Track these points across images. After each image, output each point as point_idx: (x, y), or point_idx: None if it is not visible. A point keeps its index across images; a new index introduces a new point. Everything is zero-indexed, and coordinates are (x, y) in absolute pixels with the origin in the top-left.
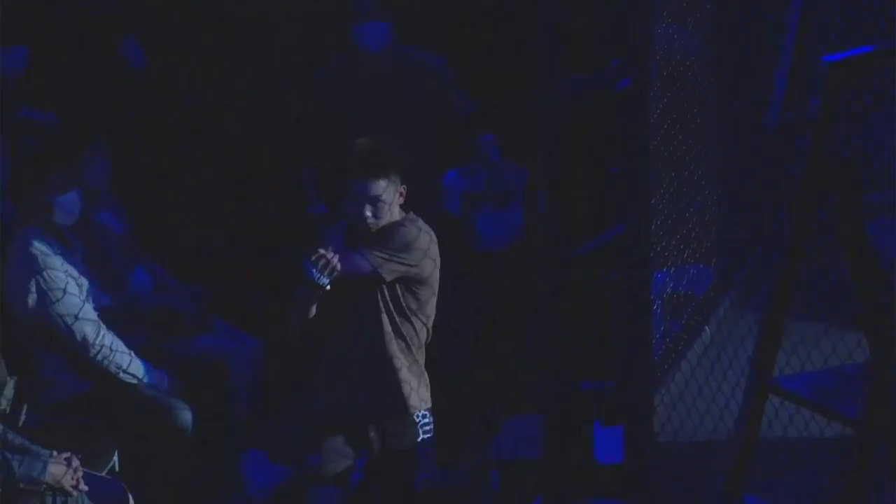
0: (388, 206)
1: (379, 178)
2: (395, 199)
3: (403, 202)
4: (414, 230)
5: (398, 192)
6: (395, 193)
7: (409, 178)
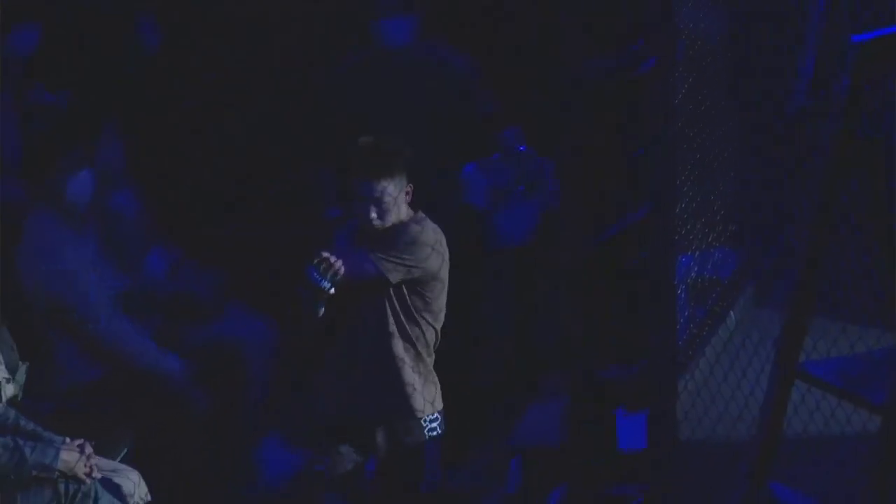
0: (393, 206)
1: (381, 178)
2: (400, 198)
3: (411, 200)
4: (420, 230)
5: (404, 191)
6: (400, 193)
7: (430, 176)
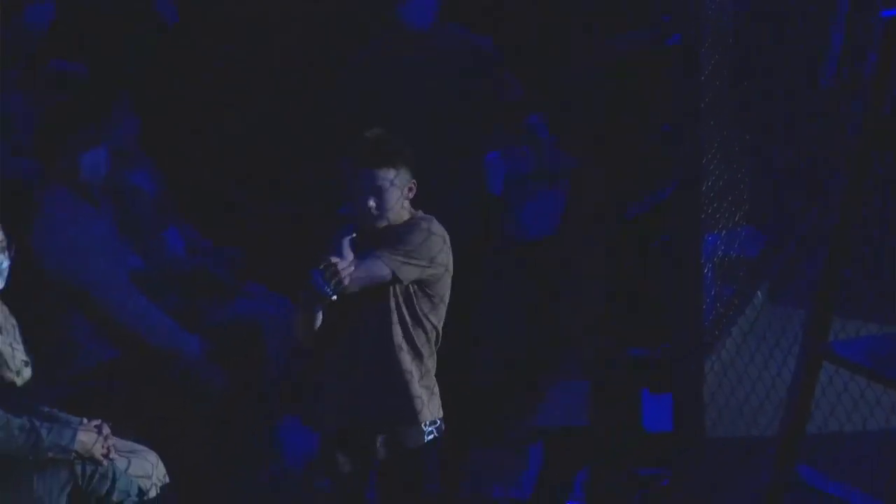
0: (393, 200)
1: (383, 167)
2: (402, 193)
3: (413, 198)
4: (429, 227)
5: (406, 187)
6: (400, 188)
7: (450, 163)
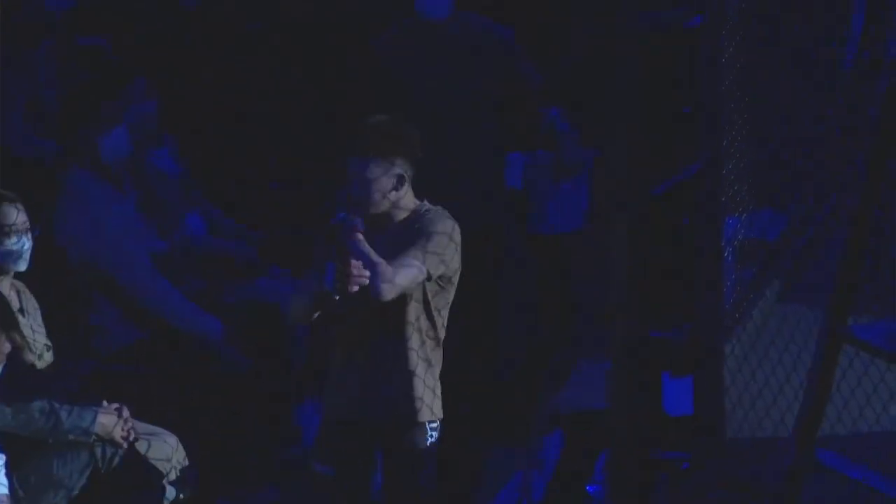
0: (374, 188)
1: (366, 155)
2: (387, 183)
3: (402, 190)
4: (445, 218)
5: (394, 177)
6: (385, 177)
7: (467, 154)
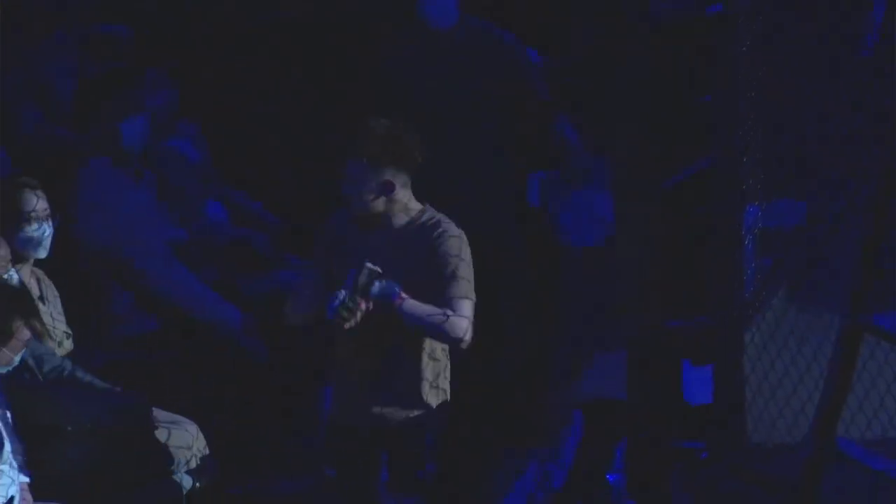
0: (360, 190)
1: (356, 157)
2: (374, 186)
3: (393, 194)
4: (457, 242)
5: (382, 181)
6: (372, 180)
7: (476, 161)
